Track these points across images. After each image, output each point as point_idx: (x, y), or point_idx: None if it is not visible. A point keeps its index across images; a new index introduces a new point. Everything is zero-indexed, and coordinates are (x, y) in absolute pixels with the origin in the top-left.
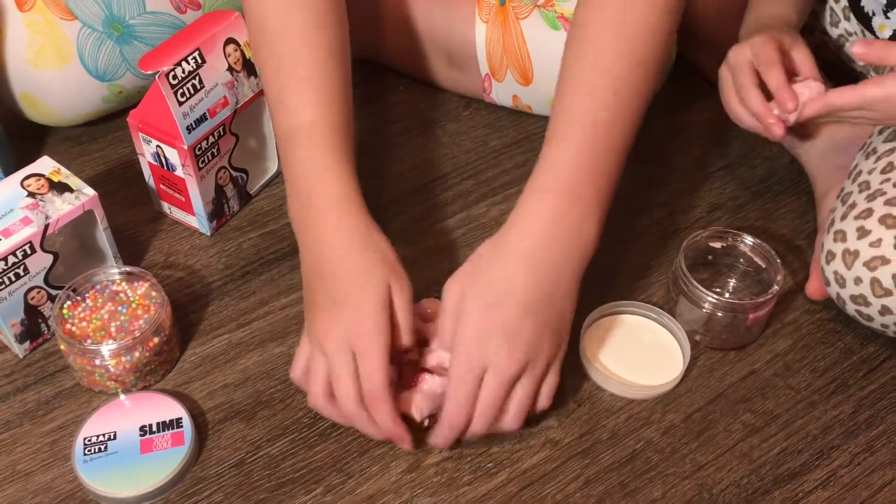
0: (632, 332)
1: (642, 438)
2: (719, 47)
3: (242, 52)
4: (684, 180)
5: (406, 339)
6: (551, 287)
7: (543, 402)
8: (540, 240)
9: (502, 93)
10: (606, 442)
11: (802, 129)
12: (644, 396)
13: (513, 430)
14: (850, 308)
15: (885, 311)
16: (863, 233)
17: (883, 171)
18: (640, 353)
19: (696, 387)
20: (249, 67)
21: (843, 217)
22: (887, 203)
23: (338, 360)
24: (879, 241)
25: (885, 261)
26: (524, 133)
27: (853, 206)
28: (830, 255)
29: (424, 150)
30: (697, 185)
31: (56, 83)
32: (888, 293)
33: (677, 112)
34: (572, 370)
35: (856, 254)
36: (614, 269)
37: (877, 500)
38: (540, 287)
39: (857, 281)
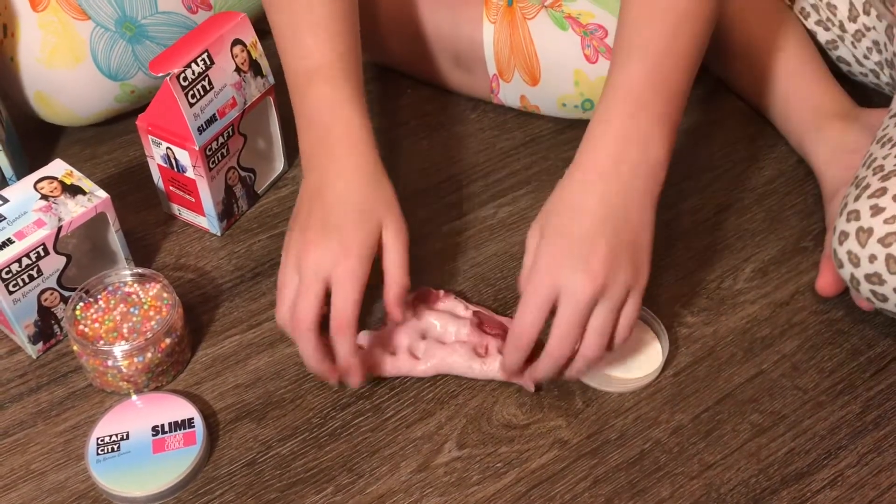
0: None
1: (650, 438)
2: (728, 47)
3: (249, 53)
4: (690, 181)
5: (396, 273)
6: (621, 207)
7: (622, 332)
8: (606, 163)
9: (510, 93)
10: (615, 442)
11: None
12: (624, 390)
13: (592, 358)
14: (865, 288)
15: None
16: (877, 210)
17: None
18: (620, 348)
19: (704, 387)
20: (256, 68)
21: (857, 198)
22: None
23: (311, 279)
24: (894, 217)
25: None
26: (532, 135)
27: (867, 186)
28: (843, 236)
29: (432, 152)
30: (704, 187)
31: (69, 82)
32: None
33: (684, 114)
34: None
35: (870, 231)
36: None
37: (884, 500)
38: (609, 208)
39: (872, 259)
